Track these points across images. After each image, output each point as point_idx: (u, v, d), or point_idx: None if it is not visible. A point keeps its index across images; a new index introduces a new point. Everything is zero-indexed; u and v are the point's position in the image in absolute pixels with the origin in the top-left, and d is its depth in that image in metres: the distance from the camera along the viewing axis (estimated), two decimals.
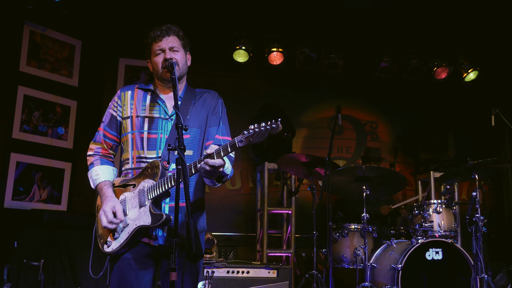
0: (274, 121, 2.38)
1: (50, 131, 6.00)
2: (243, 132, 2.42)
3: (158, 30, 2.88)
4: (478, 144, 7.59)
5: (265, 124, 2.39)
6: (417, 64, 7.26)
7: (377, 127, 7.69)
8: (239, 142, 2.43)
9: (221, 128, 2.94)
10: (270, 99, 7.13)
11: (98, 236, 2.88)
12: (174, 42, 2.87)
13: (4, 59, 5.68)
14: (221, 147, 2.48)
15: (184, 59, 2.92)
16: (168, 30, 2.88)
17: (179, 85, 2.89)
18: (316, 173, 5.49)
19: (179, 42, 2.90)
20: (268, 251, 6.37)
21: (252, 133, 2.40)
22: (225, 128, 2.97)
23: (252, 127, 2.40)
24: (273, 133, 2.40)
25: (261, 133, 2.39)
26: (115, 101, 2.99)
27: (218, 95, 3.04)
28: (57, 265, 5.00)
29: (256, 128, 2.40)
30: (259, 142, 2.43)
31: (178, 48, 2.89)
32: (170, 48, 2.85)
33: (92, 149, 3.01)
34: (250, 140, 2.42)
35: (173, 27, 2.91)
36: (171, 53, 2.84)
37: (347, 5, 6.41)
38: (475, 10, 6.38)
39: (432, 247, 4.99)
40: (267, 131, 2.39)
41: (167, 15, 6.49)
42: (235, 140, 2.44)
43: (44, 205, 5.86)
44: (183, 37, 2.94)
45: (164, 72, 2.84)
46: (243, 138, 2.42)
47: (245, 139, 2.42)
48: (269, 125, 2.38)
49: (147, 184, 2.71)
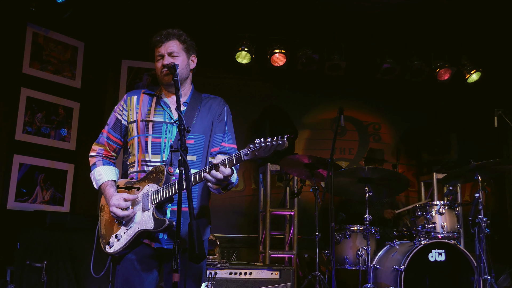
0: (280, 137, 2.41)
1: (53, 133, 6.01)
2: (249, 145, 2.45)
3: (158, 35, 2.90)
4: (481, 145, 7.58)
5: (271, 139, 2.41)
6: (420, 66, 7.25)
7: (379, 128, 7.69)
8: (245, 155, 2.46)
9: (227, 136, 2.96)
10: (273, 101, 7.14)
11: (100, 236, 2.90)
12: (174, 47, 2.88)
13: (7, 61, 5.69)
14: (226, 159, 2.51)
15: (185, 63, 2.91)
16: (167, 35, 2.89)
17: (182, 89, 2.91)
18: (319, 175, 5.48)
19: (179, 46, 2.90)
20: (271, 252, 6.38)
21: (258, 147, 2.42)
22: (230, 135, 2.98)
23: (258, 141, 2.43)
24: (279, 149, 2.42)
25: (267, 149, 2.42)
26: (121, 105, 3.01)
27: (224, 101, 3.05)
28: (60, 266, 5.00)
29: (262, 142, 2.42)
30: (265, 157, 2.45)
31: (178, 52, 2.88)
32: (169, 53, 2.86)
33: (95, 150, 3.02)
34: (255, 154, 2.45)
35: (174, 31, 2.91)
36: (169, 58, 2.85)
37: (350, 6, 6.41)
38: (478, 11, 6.38)
39: (435, 248, 4.98)
40: (273, 147, 2.41)
41: (170, 16, 6.50)
42: (241, 153, 2.47)
43: (47, 206, 5.87)
44: (185, 40, 2.93)
45: (162, 76, 2.87)
46: (249, 152, 2.45)
47: (251, 153, 2.45)
48: (275, 141, 2.41)
49: (151, 189, 2.73)
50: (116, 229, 2.81)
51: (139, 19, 6.53)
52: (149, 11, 6.46)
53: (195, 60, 3.02)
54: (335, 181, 5.10)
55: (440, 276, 4.93)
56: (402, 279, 4.78)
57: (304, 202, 6.95)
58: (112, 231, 2.83)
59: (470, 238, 5.47)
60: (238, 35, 6.92)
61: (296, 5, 6.45)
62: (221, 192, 2.76)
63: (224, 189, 2.74)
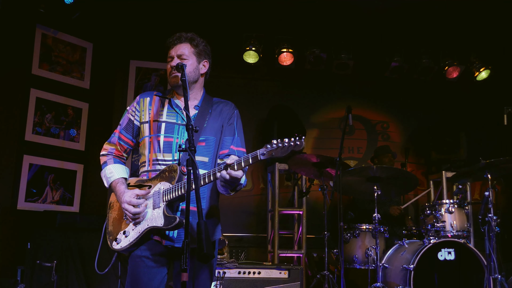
0: (298, 138, 2.40)
1: (62, 133, 6.05)
2: (266, 146, 2.44)
3: (172, 37, 2.94)
4: (491, 143, 7.53)
5: (288, 140, 2.40)
6: (428, 64, 7.22)
7: (388, 127, 7.67)
8: (261, 155, 2.45)
9: (236, 139, 2.97)
10: (281, 100, 7.14)
11: (108, 232, 2.92)
12: (184, 49, 2.90)
13: (17, 62, 5.73)
14: (242, 158, 2.51)
15: (193, 67, 2.92)
16: (180, 37, 2.92)
17: (191, 92, 2.93)
18: (327, 174, 5.47)
19: (190, 49, 2.92)
20: (279, 251, 6.37)
21: (275, 147, 2.42)
22: (239, 139, 2.99)
23: (276, 142, 2.42)
24: (296, 150, 2.41)
25: (284, 149, 2.41)
26: (133, 106, 3.03)
27: (234, 106, 3.07)
28: (70, 266, 5.03)
29: (279, 143, 2.41)
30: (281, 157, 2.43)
31: (188, 56, 2.90)
32: (178, 55, 2.89)
33: (106, 149, 3.05)
34: (272, 154, 2.44)
35: (187, 35, 2.94)
36: (178, 61, 2.86)
37: (357, 5, 6.39)
38: (486, 9, 6.34)
39: (445, 247, 4.96)
40: (290, 147, 2.40)
41: (177, 17, 6.52)
42: (257, 152, 2.46)
43: (56, 206, 5.90)
44: (197, 44, 2.95)
45: (170, 78, 2.90)
46: (266, 152, 2.44)
47: (268, 153, 2.44)
48: (292, 142, 2.40)
49: (163, 187, 2.74)
50: (125, 225, 2.82)
51: (147, 20, 6.56)
52: (157, 11, 6.48)
53: (207, 65, 3.02)
54: (343, 180, 5.09)
55: (450, 275, 4.91)
56: (411, 278, 4.77)
57: (313, 201, 6.94)
58: (120, 227, 2.84)
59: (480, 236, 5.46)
60: (246, 35, 6.92)
61: (304, 4, 6.44)
62: (229, 193, 2.77)
63: (233, 190, 2.74)
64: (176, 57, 2.88)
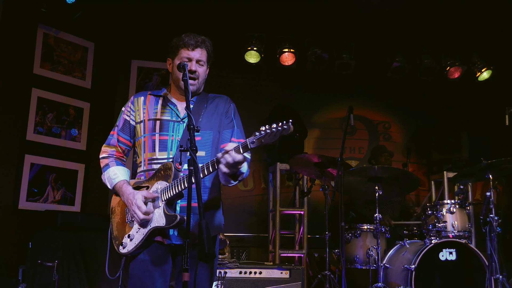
0: (285, 122, 2.41)
1: (63, 133, 6.05)
2: (255, 133, 2.46)
3: (193, 38, 2.92)
4: (492, 143, 7.53)
5: (276, 125, 2.41)
6: (430, 64, 7.21)
7: (389, 127, 7.66)
8: (251, 143, 2.47)
9: (236, 132, 3.00)
10: (282, 100, 7.14)
11: (113, 237, 2.91)
12: (203, 55, 2.94)
13: (18, 62, 5.73)
14: (233, 147, 2.51)
15: (205, 74, 3.00)
16: (203, 42, 2.94)
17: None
18: (329, 174, 5.47)
19: (206, 56, 2.97)
20: (281, 251, 6.37)
21: (264, 134, 2.43)
22: (239, 131, 3.01)
23: (264, 128, 2.43)
24: (285, 134, 2.42)
25: (273, 134, 2.42)
26: (128, 106, 3.05)
27: (230, 99, 3.10)
28: (71, 266, 5.03)
29: (267, 129, 2.42)
30: (272, 143, 2.45)
31: (204, 62, 2.96)
32: (197, 60, 2.92)
33: (106, 151, 3.05)
34: (262, 141, 2.45)
35: (207, 41, 2.97)
36: (196, 65, 2.91)
37: (359, 5, 6.39)
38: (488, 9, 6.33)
39: (446, 247, 4.95)
40: (278, 132, 2.41)
41: (179, 17, 6.53)
42: (247, 141, 2.48)
43: (58, 206, 5.91)
44: (210, 52, 3.00)
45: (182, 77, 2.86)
46: (255, 139, 2.45)
47: (257, 140, 2.45)
48: (280, 126, 2.41)
49: (160, 186, 2.75)
50: (129, 229, 2.82)
51: (148, 19, 6.56)
52: (159, 11, 6.49)
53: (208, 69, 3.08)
54: (345, 180, 5.09)
55: (451, 276, 4.90)
56: (412, 279, 4.76)
57: (314, 201, 6.94)
58: (124, 231, 2.84)
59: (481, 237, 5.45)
60: (247, 35, 6.92)
61: (305, 4, 6.44)
62: (231, 183, 2.78)
63: (235, 179, 2.75)
64: (195, 60, 2.91)
